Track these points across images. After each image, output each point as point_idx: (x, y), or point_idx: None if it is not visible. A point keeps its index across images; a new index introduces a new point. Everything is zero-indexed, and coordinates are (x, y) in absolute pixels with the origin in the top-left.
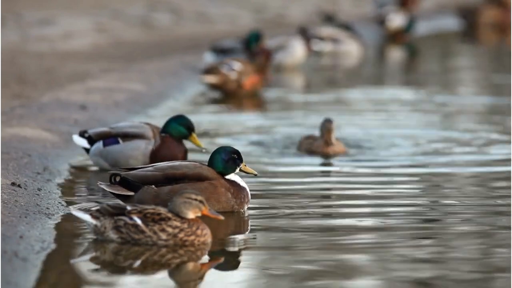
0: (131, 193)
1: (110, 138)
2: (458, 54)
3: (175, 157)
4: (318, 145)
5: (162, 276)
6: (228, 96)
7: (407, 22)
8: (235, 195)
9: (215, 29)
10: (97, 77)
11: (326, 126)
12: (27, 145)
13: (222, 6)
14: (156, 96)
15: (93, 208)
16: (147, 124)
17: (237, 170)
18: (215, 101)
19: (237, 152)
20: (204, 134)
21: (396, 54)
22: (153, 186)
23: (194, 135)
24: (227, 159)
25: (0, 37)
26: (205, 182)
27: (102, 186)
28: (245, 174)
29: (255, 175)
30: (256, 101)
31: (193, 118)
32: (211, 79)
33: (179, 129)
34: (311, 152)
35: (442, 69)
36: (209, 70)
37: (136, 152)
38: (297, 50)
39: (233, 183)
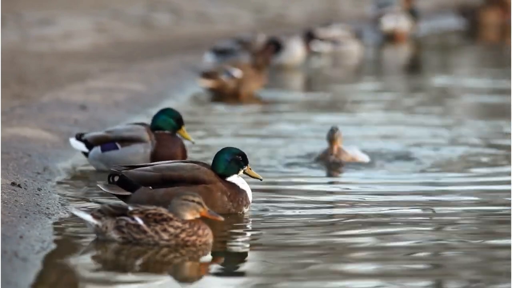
0: (128, 193)
1: (107, 143)
2: (459, 54)
3: (175, 154)
4: (324, 155)
5: (164, 276)
6: (226, 97)
7: (410, 16)
8: (232, 199)
9: (215, 29)
10: (97, 77)
11: (329, 135)
12: (27, 145)
13: (222, 6)
14: (156, 96)
15: (94, 208)
16: (142, 124)
17: (240, 173)
18: (214, 101)
19: (242, 154)
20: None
21: (394, 55)
22: (150, 187)
23: (183, 128)
24: (230, 160)
25: (0, 37)
26: (200, 186)
27: (100, 186)
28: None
29: (260, 179)
30: (254, 103)
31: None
32: (208, 83)
33: (169, 121)
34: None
35: (443, 68)
36: (208, 75)
37: (137, 158)
38: (296, 50)
39: (232, 186)
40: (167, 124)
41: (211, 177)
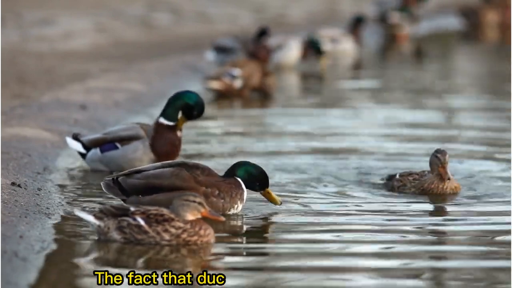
0: (125, 198)
1: (106, 144)
2: (460, 54)
3: (173, 141)
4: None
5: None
6: (232, 97)
7: (407, 16)
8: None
9: (215, 29)
10: (97, 77)
11: (440, 159)
12: (27, 145)
13: (222, 6)
14: (156, 96)
15: (96, 209)
16: (137, 123)
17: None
18: (215, 101)
19: (261, 179)
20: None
21: (397, 55)
22: (140, 195)
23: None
24: (249, 178)
25: (0, 37)
26: (176, 193)
27: (102, 187)
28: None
29: (279, 204)
30: (255, 103)
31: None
32: (217, 85)
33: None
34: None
35: (445, 70)
36: (214, 78)
37: (137, 154)
38: (293, 50)
39: (231, 182)
40: (189, 99)
41: (188, 183)
